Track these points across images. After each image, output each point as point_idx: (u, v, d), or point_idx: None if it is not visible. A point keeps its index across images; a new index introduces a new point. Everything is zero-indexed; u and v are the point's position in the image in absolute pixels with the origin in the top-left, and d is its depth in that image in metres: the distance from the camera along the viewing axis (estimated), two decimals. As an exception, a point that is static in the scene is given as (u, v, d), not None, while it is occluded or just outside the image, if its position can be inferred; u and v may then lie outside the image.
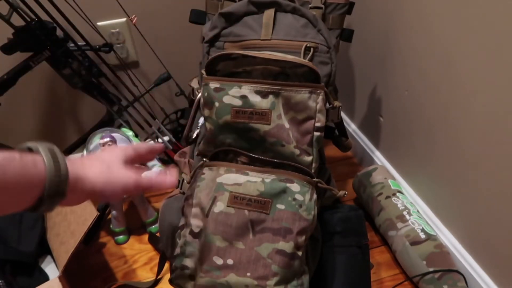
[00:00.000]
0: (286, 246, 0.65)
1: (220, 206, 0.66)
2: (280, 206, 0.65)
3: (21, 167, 0.39)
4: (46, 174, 0.41)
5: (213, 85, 0.68)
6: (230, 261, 0.66)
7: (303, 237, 0.66)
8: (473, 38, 0.73)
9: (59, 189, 0.42)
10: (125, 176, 0.50)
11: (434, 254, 0.85)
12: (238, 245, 0.66)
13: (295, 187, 0.66)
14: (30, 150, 0.43)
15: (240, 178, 0.67)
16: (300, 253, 0.66)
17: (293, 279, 0.67)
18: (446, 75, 0.82)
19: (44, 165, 0.41)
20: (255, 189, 0.66)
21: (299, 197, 0.66)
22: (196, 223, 0.68)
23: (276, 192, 0.66)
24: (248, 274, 0.65)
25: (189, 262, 0.69)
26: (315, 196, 0.68)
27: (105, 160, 0.50)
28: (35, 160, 0.41)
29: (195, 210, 0.69)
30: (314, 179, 0.68)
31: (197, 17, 0.86)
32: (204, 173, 0.70)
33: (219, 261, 0.66)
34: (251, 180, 0.66)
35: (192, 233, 0.68)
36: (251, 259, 0.65)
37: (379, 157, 1.14)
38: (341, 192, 0.68)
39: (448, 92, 0.82)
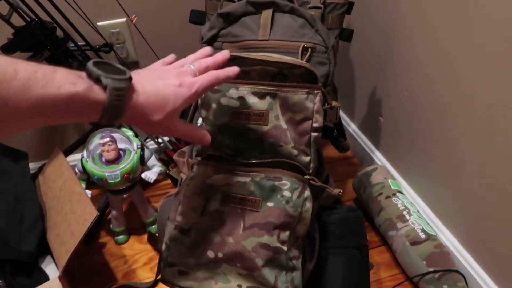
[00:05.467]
0: (270, 240, 0.66)
1: (214, 205, 0.69)
2: (270, 204, 0.67)
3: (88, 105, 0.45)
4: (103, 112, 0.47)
5: None
6: (220, 254, 0.68)
7: (287, 232, 0.67)
8: (473, 38, 0.73)
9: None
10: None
11: (434, 254, 0.85)
12: (228, 240, 0.68)
13: (283, 184, 0.67)
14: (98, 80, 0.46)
15: (229, 178, 0.68)
16: (285, 247, 0.67)
17: (280, 273, 0.68)
18: (446, 75, 0.82)
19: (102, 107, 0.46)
20: (246, 189, 0.67)
21: (287, 193, 0.67)
22: (184, 220, 0.70)
23: (266, 190, 0.67)
24: (238, 264, 0.68)
25: (175, 259, 0.71)
26: (306, 193, 0.68)
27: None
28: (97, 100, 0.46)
29: (183, 208, 0.70)
30: (306, 177, 0.68)
31: (197, 18, 0.86)
32: (194, 172, 0.71)
33: (211, 255, 0.69)
34: (240, 180, 0.68)
35: (181, 230, 0.70)
36: (237, 252, 0.67)
37: (379, 157, 1.14)
38: (336, 191, 0.68)
39: (448, 92, 0.82)
